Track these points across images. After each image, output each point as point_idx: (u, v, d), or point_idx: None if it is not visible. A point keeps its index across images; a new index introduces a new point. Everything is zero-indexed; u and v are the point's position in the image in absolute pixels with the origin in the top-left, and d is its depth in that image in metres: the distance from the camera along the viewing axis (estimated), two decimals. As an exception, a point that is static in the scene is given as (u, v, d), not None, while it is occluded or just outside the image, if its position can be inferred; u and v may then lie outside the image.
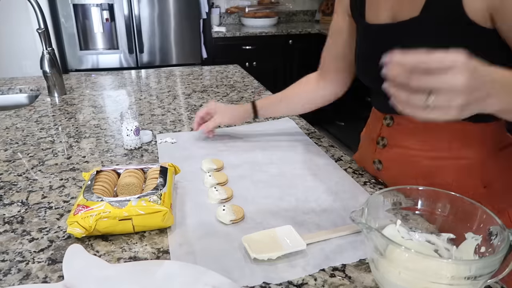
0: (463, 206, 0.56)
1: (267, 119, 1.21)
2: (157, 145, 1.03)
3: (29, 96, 1.63)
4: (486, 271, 0.46)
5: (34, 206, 0.76)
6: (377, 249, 0.50)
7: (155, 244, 0.65)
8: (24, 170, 0.91)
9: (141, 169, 0.80)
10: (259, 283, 0.57)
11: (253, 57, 3.26)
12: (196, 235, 0.67)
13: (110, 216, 0.64)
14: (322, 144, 1.04)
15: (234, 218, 0.70)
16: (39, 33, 1.39)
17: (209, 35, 3.12)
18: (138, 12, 2.82)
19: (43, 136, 1.10)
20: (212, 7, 3.42)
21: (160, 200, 0.67)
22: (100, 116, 1.26)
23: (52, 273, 0.59)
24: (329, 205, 0.76)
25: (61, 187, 0.83)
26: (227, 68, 1.92)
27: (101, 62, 2.90)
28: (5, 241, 0.66)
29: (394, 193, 0.59)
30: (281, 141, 1.05)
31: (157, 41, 2.93)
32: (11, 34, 2.78)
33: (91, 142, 1.06)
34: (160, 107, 1.34)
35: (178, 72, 1.85)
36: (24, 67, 2.83)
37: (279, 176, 0.87)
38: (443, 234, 0.57)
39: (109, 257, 0.62)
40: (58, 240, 0.66)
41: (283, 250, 0.61)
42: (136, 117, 1.01)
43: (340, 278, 0.58)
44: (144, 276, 0.56)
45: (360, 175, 0.88)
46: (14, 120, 1.23)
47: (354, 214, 0.53)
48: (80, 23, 2.81)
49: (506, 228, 0.49)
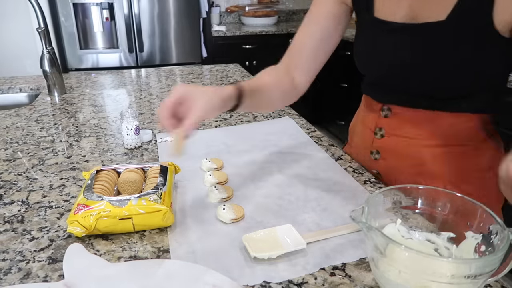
0: (463, 205, 0.56)
1: (267, 118, 1.21)
2: (157, 144, 1.03)
3: (29, 95, 1.63)
4: (486, 270, 0.46)
5: (34, 206, 0.76)
6: (377, 248, 0.50)
7: (155, 243, 0.65)
8: (24, 169, 0.91)
9: (141, 168, 0.80)
10: (259, 282, 0.57)
11: (253, 56, 3.26)
12: (196, 234, 0.67)
13: (110, 215, 0.64)
14: (322, 143, 1.04)
15: (234, 217, 0.70)
16: (39, 32, 1.39)
17: (209, 34, 3.12)
18: (138, 11, 2.82)
19: (43, 136, 1.10)
20: (212, 6, 3.42)
21: (160, 199, 0.67)
22: (100, 115, 1.26)
23: (52, 272, 0.59)
24: (329, 204, 0.76)
25: (61, 186, 0.83)
26: (227, 67, 1.91)
27: (101, 61, 2.90)
28: (6, 240, 0.66)
29: (394, 192, 0.59)
30: (281, 140, 1.05)
31: (157, 40, 2.93)
32: (11, 33, 2.77)
33: (91, 142, 1.06)
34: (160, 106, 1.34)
35: (178, 71, 1.85)
36: (24, 66, 2.83)
37: (279, 175, 0.87)
38: (443, 233, 0.57)
39: (110, 256, 0.62)
40: (58, 239, 0.66)
41: (283, 249, 0.61)
42: (136, 116, 1.01)
43: (340, 277, 0.58)
44: (145, 275, 0.56)
45: (360, 174, 0.88)
46: (14, 119, 1.23)
47: (354, 213, 0.53)
48: (80, 22, 2.80)
49: (506, 227, 0.49)
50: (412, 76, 0.77)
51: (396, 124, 0.84)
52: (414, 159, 0.83)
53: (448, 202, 0.58)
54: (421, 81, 0.76)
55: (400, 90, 0.81)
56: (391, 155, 0.87)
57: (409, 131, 0.82)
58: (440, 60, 0.72)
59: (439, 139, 0.80)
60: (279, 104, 0.94)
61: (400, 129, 0.84)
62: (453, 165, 0.80)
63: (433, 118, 0.79)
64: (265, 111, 1.22)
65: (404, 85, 0.79)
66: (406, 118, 0.82)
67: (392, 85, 0.82)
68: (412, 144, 0.83)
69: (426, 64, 0.74)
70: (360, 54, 0.86)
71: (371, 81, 0.88)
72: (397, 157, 0.86)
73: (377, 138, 0.88)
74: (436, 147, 0.81)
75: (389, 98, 0.84)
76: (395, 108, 0.83)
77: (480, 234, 0.53)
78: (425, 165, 0.82)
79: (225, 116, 1.23)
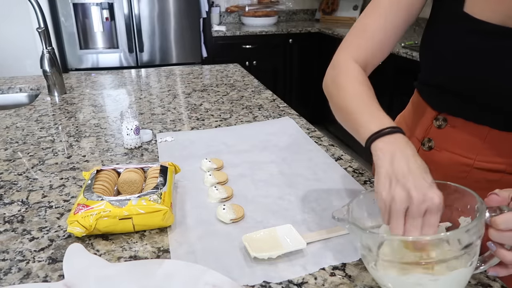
0: (448, 192, 0.55)
1: (267, 118, 1.21)
2: (157, 144, 1.03)
3: (29, 95, 1.63)
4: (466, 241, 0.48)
5: (34, 206, 0.76)
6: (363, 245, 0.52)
7: (155, 243, 0.65)
8: (24, 169, 0.91)
9: (141, 168, 0.80)
10: (259, 282, 0.57)
11: (253, 56, 3.26)
12: (196, 234, 0.67)
13: (110, 215, 0.64)
14: (322, 143, 1.04)
15: (234, 217, 0.70)
16: (39, 32, 1.39)
17: (209, 34, 3.12)
18: (138, 11, 2.82)
19: (43, 136, 1.10)
20: (212, 6, 3.42)
21: (160, 199, 0.67)
22: (100, 115, 1.26)
23: (52, 272, 0.59)
24: (329, 204, 0.76)
25: (61, 186, 0.83)
26: (227, 67, 1.91)
27: (101, 61, 2.90)
28: (6, 240, 0.66)
29: None
30: (281, 140, 1.05)
31: (157, 40, 2.93)
32: (11, 33, 2.78)
33: (91, 142, 1.06)
34: (160, 106, 1.34)
35: (178, 71, 1.85)
36: (24, 66, 2.83)
37: (279, 175, 0.87)
38: (441, 224, 0.57)
39: (110, 256, 0.62)
40: (58, 239, 0.66)
41: (283, 249, 0.61)
42: (136, 116, 1.01)
43: (340, 277, 0.58)
44: (145, 275, 0.56)
45: (360, 174, 0.88)
46: (14, 119, 1.23)
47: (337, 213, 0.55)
48: (80, 22, 2.80)
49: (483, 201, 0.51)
50: (495, 88, 0.65)
51: (450, 138, 0.73)
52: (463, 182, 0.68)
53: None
54: (501, 95, 0.65)
55: (467, 101, 0.70)
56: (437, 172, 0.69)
57: (466, 149, 0.71)
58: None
59: (501, 164, 0.69)
60: None
61: (454, 144, 0.73)
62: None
63: (499, 139, 0.68)
64: None
65: (476, 96, 0.68)
66: (465, 134, 0.71)
67: (459, 93, 0.70)
68: (465, 164, 0.72)
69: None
70: (437, 53, 0.72)
71: (434, 83, 0.75)
72: (444, 176, 0.68)
73: (423, 149, 0.78)
74: (495, 173, 0.70)
75: (450, 106, 0.72)
76: (453, 120, 0.72)
77: (469, 217, 0.54)
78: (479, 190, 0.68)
79: (225, 116, 1.23)
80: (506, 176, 0.70)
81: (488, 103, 0.67)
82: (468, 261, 0.49)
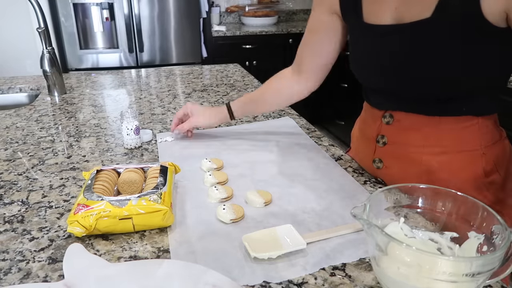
0: (465, 205, 0.56)
1: (267, 118, 1.21)
2: (157, 144, 1.03)
3: (29, 95, 1.63)
4: (485, 269, 0.46)
5: (34, 206, 0.76)
6: (378, 245, 0.50)
7: (156, 243, 0.65)
8: (24, 169, 0.91)
9: (141, 168, 0.80)
10: (259, 282, 0.57)
11: (253, 56, 3.26)
12: (196, 234, 0.67)
13: (110, 215, 0.64)
14: (322, 143, 1.04)
15: (234, 217, 0.70)
16: (39, 32, 1.39)
17: (209, 34, 3.12)
18: (138, 11, 2.82)
19: (43, 136, 1.10)
20: (212, 6, 3.42)
21: (160, 199, 0.67)
22: (100, 116, 1.26)
23: (52, 272, 0.59)
24: (329, 204, 0.76)
25: (61, 186, 0.83)
26: (227, 67, 1.91)
27: (101, 61, 2.90)
28: (6, 240, 0.66)
29: (395, 191, 0.59)
30: (281, 140, 1.05)
31: (157, 40, 2.92)
32: (11, 33, 2.77)
33: (91, 142, 1.06)
34: (160, 106, 1.34)
35: (178, 71, 1.85)
36: (24, 67, 2.83)
37: (279, 175, 0.87)
38: (446, 233, 0.57)
39: (110, 256, 0.62)
40: (58, 239, 0.66)
41: (283, 249, 0.61)
42: (136, 116, 1.01)
43: (340, 277, 0.58)
44: (145, 275, 0.56)
45: (360, 174, 0.88)
46: (14, 119, 1.23)
47: (355, 210, 0.53)
48: (80, 22, 2.80)
49: (508, 227, 0.49)
50: (407, 77, 0.75)
51: (398, 131, 0.82)
52: (420, 168, 0.80)
53: (449, 202, 0.58)
54: (417, 82, 0.74)
55: (399, 96, 0.79)
56: (395, 163, 0.84)
57: (412, 138, 0.80)
58: (430, 57, 0.70)
59: (444, 145, 0.77)
60: (286, 103, 1.06)
61: (402, 136, 0.81)
62: (461, 172, 0.77)
63: (436, 123, 0.76)
64: (267, 112, 1.27)
65: (401, 89, 0.78)
66: (408, 125, 0.80)
67: (390, 90, 0.80)
68: (416, 152, 0.80)
69: (417, 63, 0.72)
70: (355, 61, 0.86)
71: (369, 87, 0.87)
72: (402, 166, 0.83)
73: (379, 146, 0.85)
74: (442, 154, 0.78)
75: (389, 104, 0.82)
76: (397, 115, 0.81)
77: (483, 234, 0.53)
78: (432, 173, 0.79)
79: (225, 116, 1.23)
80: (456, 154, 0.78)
81: (414, 94, 0.77)
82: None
